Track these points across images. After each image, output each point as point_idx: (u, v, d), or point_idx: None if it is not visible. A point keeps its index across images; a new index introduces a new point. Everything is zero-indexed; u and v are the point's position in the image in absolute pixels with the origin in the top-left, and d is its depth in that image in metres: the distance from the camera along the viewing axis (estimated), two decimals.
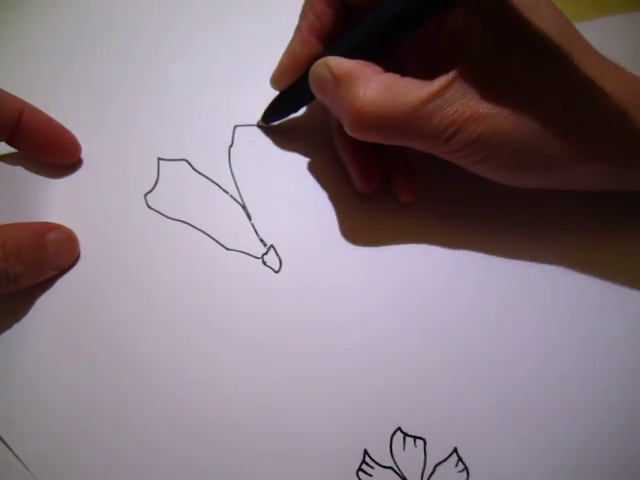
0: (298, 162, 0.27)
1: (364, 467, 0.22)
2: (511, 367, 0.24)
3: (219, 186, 0.26)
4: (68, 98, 0.27)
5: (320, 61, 0.22)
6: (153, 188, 0.26)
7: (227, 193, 0.26)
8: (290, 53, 0.25)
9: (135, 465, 0.22)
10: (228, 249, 0.25)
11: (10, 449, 0.22)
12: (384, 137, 0.21)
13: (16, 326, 0.23)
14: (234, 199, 0.26)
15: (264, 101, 0.28)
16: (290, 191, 0.26)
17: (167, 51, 0.29)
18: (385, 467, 0.22)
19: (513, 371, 0.24)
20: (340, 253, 0.25)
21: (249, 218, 0.26)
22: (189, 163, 0.27)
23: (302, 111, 0.27)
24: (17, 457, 0.22)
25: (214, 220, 0.26)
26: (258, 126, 0.27)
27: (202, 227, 0.25)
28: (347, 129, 0.22)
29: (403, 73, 0.21)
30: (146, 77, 0.28)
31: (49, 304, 0.24)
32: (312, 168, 0.27)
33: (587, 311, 0.25)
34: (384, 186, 0.26)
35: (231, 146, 0.27)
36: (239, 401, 0.23)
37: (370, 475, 0.22)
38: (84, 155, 0.26)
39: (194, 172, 0.26)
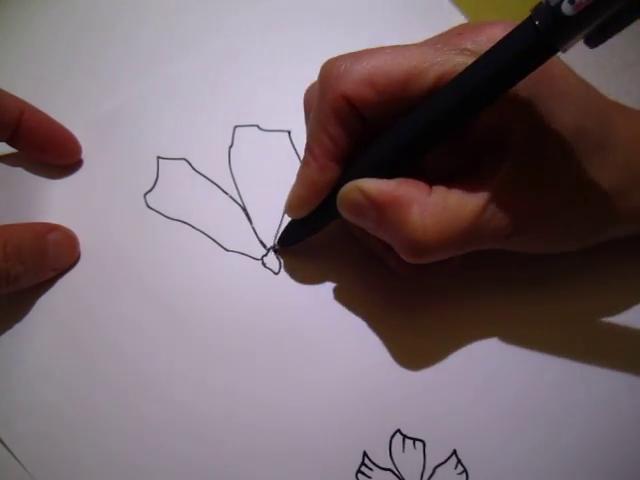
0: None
1: (363, 469, 0.22)
2: (511, 369, 0.24)
3: (219, 187, 0.26)
4: (68, 98, 0.27)
5: (351, 186, 0.20)
6: (152, 188, 0.26)
7: (227, 194, 0.26)
8: (308, 182, 0.22)
9: (133, 465, 0.22)
10: (228, 250, 0.25)
11: (8, 449, 0.22)
12: (446, 256, 0.20)
13: (16, 326, 0.23)
14: (234, 200, 0.26)
15: (264, 101, 0.28)
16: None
17: (167, 51, 0.29)
18: (384, 469, 0.22)
19: (513, 373, 0.24)
20: (340, 254, 0.25)
21: (249, 219, 0.26)
22: (189, 163, 0.27)
23: None
24: (15, 457, 0.22)
25: (214, 221, 0.26)
26: (273, 250, 0.25)
27: (202, 227, 0.25)
28: (405, 257, 0.20)
29: (428, 177, 0.20)
30: (146, 77, 0.28)
31: (49, 304, 0.24)
32: None
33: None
34: None
35: (231, 147, 0.27)
36: (238, 402, 0.23)
37: (369, 477, 0.22)
38: (84, 155, 0.26)
39: (194, 172, 0.26)
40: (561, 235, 0.21)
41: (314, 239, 0.24)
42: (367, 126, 0.21)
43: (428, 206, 0.19)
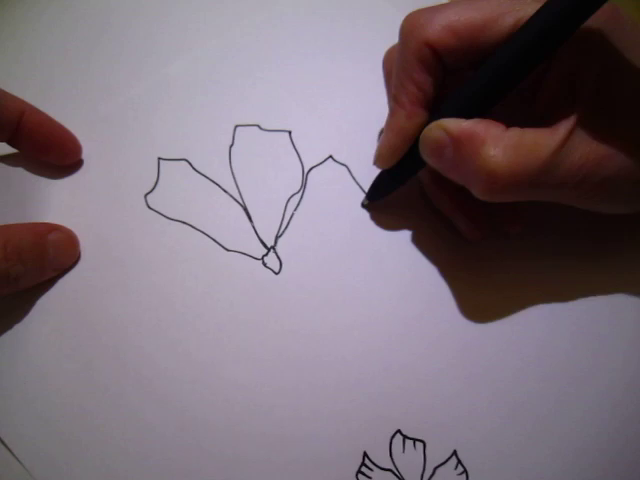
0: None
1: (363, 469, 0.22)
2: (510, 370, 0.24)
3: (220, 186, 0.26)
4: (69, 98, 0.27)
5: (433, 124, 0.21)
6: (153, 188, 0.26)
7: (228, 193, 0.26)
8: (397, 130, 0.23)
9: (133, 465, 0.22)
10: (228, 250, 0.25)
11: (9, 449, 0.22)
12: (516, 196, 0.21)
13: (16, 327, 0.23)
14: (235, 200, 0.26)
15: (265, 101, 0.28)
16: (290, 191, 0.26)
17: (168, 51, 0.29)
18: (384, 469, 0.22)
19: (512, 374, 0.24)
20: (340, 255, 0.25)
21: (250, 219, 0.26)
22: (189, 163, 0.27)
23: None
24: (15, 457, 0.22)
25: (214, 221, 0.25)
26: (363, 206, 0.26)
27: (202, 228, 0.25)
28: (478, 193, 0.21)
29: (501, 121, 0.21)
30: (146, 77, 0.28)
31: (49, 305, 0.24)
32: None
33: (588, 314, 0.25)
34: None
35: (232, 146, 0.27)
36: (238, 403, 0.23)
37: (369, 477, 0.22)
38: (84, 155, 0.26)
39: (194, 172, 0.26)
40: (631, 185, 0.21)
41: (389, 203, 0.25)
42: (448, 74, 0.22)
43: (503, 140, 0.20)
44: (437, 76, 0.22)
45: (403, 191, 0.25)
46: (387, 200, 0.26)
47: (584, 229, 0.26)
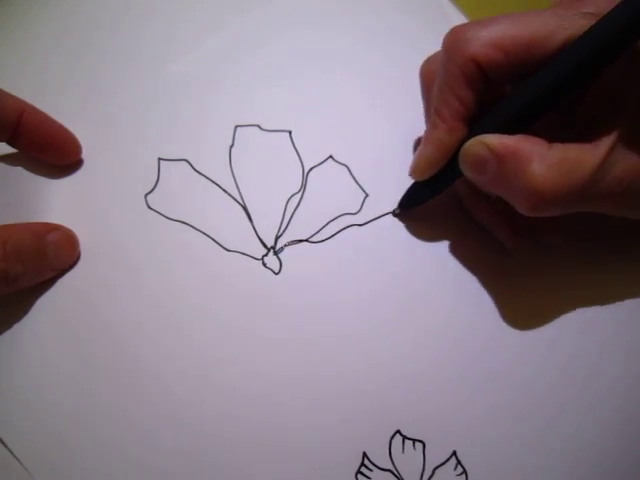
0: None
1: (363, 470, 0.22)
2: (511, 371, 0.24)
3: (220, 187, 0.26)
4: (68, 98, 0.27)
5: (475, 140, 0.21)
6: (153, 188, 0.26)
7: (228, 194, 0.26)
8: (437, 143, 0.23)
9: (134, 464, 0.22)
10: (228, 250, 0.25)
11: (8, 449, 0.22)
12: (561, 210, 0.21)
13: (16, 326, 0.23)
14: (235, 200, 0.26)
15: (265, 101, 0.28)
16: (290, 192, 0.26)
17: (168, 51, 0.29)
18: (384, 470, 0.22)
19: (513, 375, 0.24)
20: (340, 256, 0.25)
21: (250, 219, 0.26)
22: (189, 163, 0.27)
23: None
24: (16, 457, 0.22)
25: (214, 221, 0.25)
26: (393, 214, 0.26)
27: (202, 228, 0.25)
28: (523, 209, 0.21)
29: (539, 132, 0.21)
30: (147, 77, 0.28)
31: (49, 305, 0.24)
32: None
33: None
34: None
35: (232, 146, 0.27)
36: (237, 403, 0.23)
37: (369, 478, 0.22)
38: (84, 155, 0.26)
39: (195, 172, 0.26)
40: None
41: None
42: (490, 88, 0.22)
43: (548, 158, 0.20)
44: (480, 91, 0.22)
45: (436, 200, 0.25)
46: (419, 208, 0.26)
47: (621, 237, 0.25)
